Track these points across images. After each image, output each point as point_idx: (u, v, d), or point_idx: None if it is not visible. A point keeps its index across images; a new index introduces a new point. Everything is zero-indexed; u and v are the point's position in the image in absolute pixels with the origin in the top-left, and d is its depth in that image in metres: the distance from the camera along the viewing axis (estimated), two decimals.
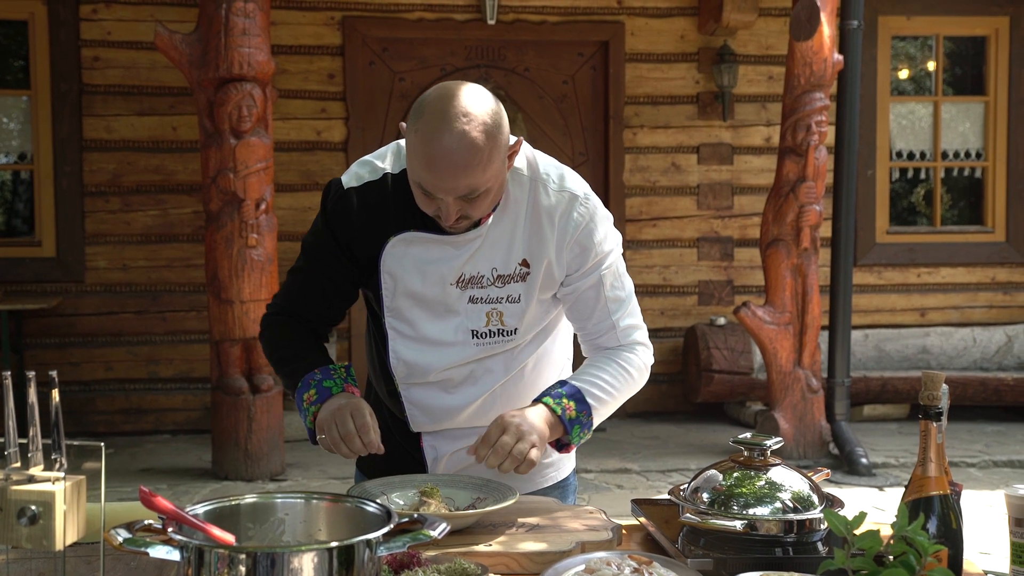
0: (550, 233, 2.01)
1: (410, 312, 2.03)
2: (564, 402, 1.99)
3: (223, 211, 5.58)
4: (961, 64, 8.24)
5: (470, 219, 1.93)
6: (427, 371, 2.05)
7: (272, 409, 5.76)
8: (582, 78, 7.46)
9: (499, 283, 2.01)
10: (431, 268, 2.00)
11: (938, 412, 1.54)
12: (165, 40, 5.54)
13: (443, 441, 2.13)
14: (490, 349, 2.04)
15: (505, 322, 2.03)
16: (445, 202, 1.87)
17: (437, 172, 1.83)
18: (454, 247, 1.99)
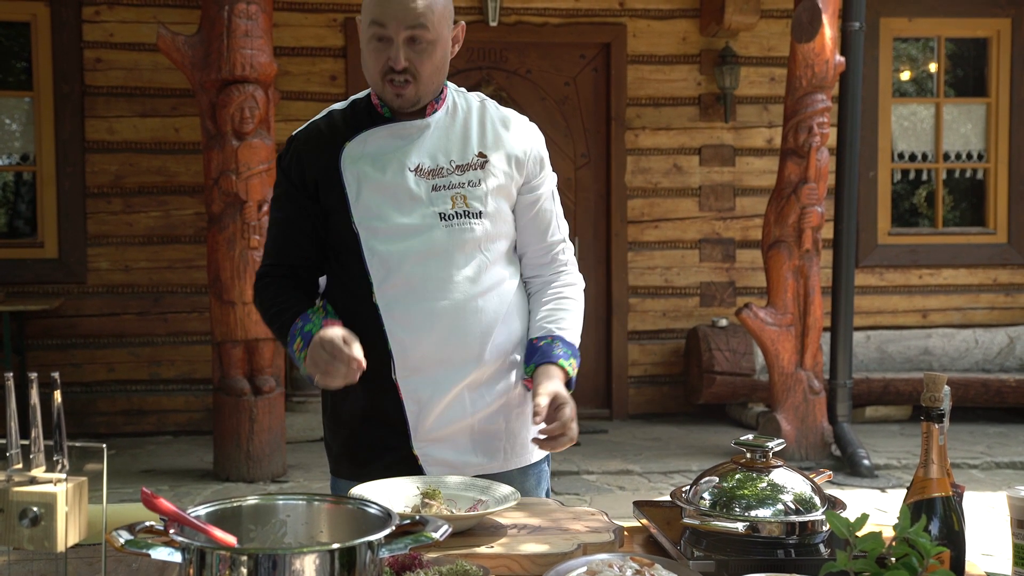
0: (508, 138, 2.18)
1: (377, 205, 2.10)
2: (572, 362, 2.16)
3: (225, 212, 5.58)
4: (963, 66, 8.23)
5: (417, 81, 2.07)
6: (402, 259, 2.09)
7: (274, 410, 5.76)
8: (584, 80, 7.47)
9: (459, 172, 2.13)
10: (389, 158, 2.12)
11: (940, 414, 1.54)
12: (167, 42, 5.54)
13: (424, 384, 2.12)
14: (459, 235, 2.11)
15: (470, 204, 2.12)
16: (395, 43, 2.04)
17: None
18: (405, 137, 2.13)
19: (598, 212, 7.49)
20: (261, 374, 5.72)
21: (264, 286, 2.21)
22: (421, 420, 2.13)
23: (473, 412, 2.14)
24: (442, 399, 2.11)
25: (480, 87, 7.22)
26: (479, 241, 2.13)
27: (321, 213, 2.16)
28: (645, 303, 7.52)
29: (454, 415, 2.13)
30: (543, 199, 2.23)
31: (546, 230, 2.24)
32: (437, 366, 2.11)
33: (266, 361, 5.70)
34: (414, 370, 2.11)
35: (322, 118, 2.21)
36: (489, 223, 2.13)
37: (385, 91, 2.10)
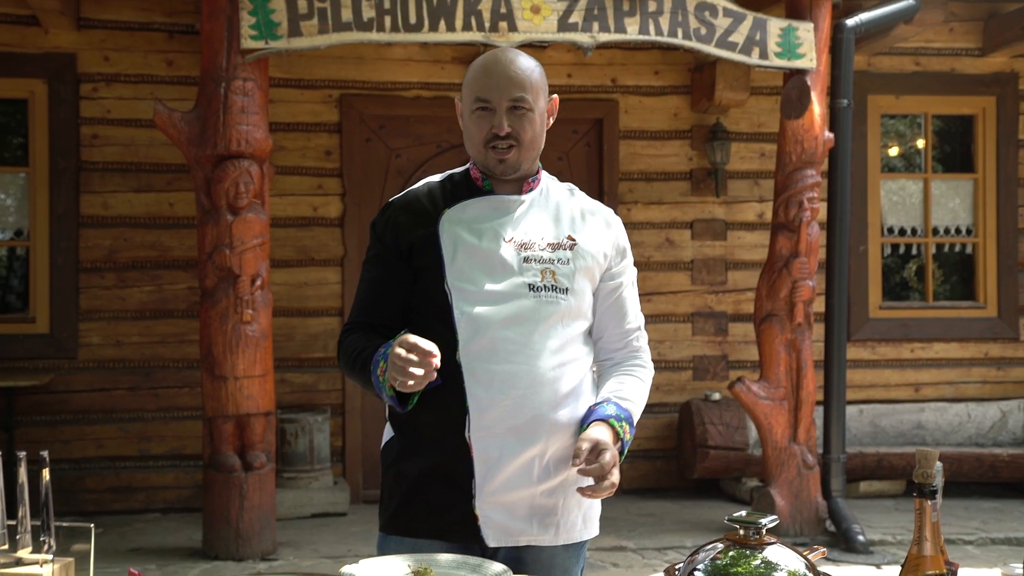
0: (594, 226, 2.33)
1: (470, 269, 2.21)
2: (623, 425, 2.23)
3: (218, 287, 5.59)
4: (950, 142, 8.33)
5: (518, 145, 2.23)
6: (489, 323, 2.17)
7: (264, 487, 5.71)
8: (577, 154, 7.54)
9: (550, 249, 2.26)
10: (485, 227, 2.24)
11: (933, 490, 1.54)
12: (164, 118, 5.59)
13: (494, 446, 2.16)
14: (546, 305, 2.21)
15: (558, 279, 2.24)
16: (499, 112, 2.21)
17: (495, 73, 2.23)
18: (503, 210, 2.27)
19: None
20: (252, 450, 5.68)
21: (348, 340, 2.30)
22: (487, 481, 2.18)
23: (538, 482, 2.20)
24: (510, 463, 2.17)
25: None
26: (563, 315, 2.24)
27: (410, 277, 2.26)
28: None
29: (519, 482, 2.19)
30: (623, 287, 2.37)
31: (623, 317, 2.38)
32: (510, 430, 2.17)
33: (257, 436, 5.67)
34: (487, 431, 2.17)
35: (420, 187, 2.35)
36: (574, 300, 2.25)
37: (488, 157, 2.26)
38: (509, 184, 2.31)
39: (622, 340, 2.38)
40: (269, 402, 5.71)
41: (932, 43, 7.71)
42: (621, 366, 2.37)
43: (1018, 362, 7.84)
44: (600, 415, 2.21)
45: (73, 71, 6.87)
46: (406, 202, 2.32)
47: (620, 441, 2.20)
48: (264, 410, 5.68)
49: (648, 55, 7.48)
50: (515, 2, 5.69)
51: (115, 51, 6.91)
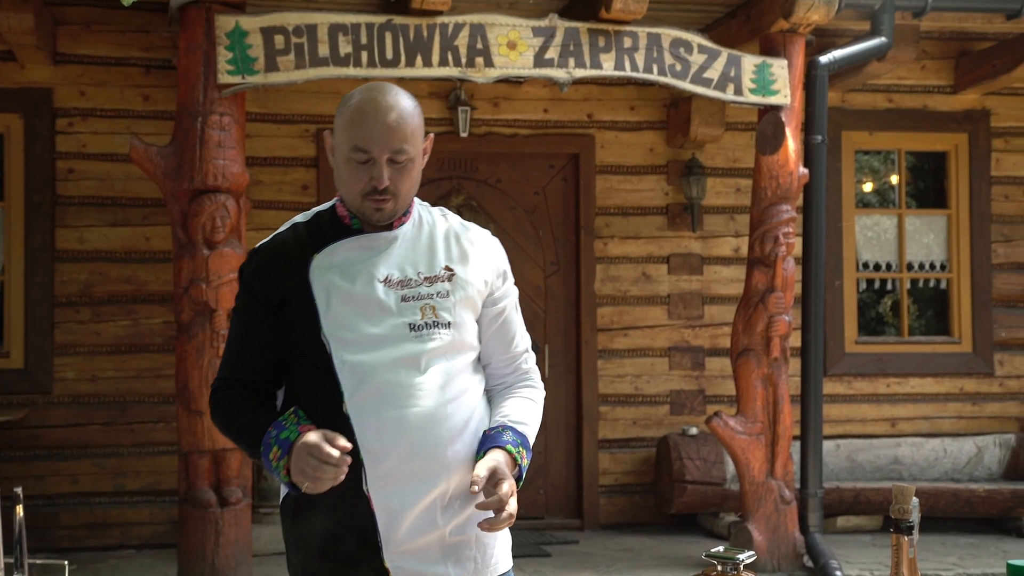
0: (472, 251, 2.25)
1: (347, 317, 2.14)
2: (521, 450, 2.18)
3: (194, 321, 5.57)
4: (923, 178, 8.42)
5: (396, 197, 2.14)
6: (372, 369, 2.11)
7: (240, 522, 5.67)
8: (553, 189, 7.57)
9: (427, 283, 2.18)
10: (358, 269, 2.16)
11: (909, 526, 1.55)
12: (140, 152, 5.58)
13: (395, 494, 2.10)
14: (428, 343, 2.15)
15: (439, 315, 2.17)
16: (378, 164, 2.11)
17: (375, 124, 2.11)
18: (374, 248, 2.19)
19: (568, 320, 7.52)
20: (228, 485, 5.64)
21: (222, 399, 2.22)
22: (392, 531, 2.11)
23: (444, 523, 2.14)
24: (413, 509, 2.11)
25: (451, 196, 7.30)
26: (447, 350, 2.16)
27: (283, 327, 2.18)
28: (615, 411, 7.51)
29: (426, 526, 2.12)
30: (507, 310, 2.30)
31: (511, 341, 2.31)
32: (408, 475, 2.11)
33: (233, 472, 5.63)
34: (385, 480, 2.10)
35: (286, 230, 2.26)
36: (457, 333, 2.18)
37: (364, 207, 2.16)
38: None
39: (511, 364, 2.32)
40: None
41: (905, 80, 7.80)
42: (512, 388, 2.31)
43: (993, 397, 7.89)
44: (496, 442, 2.16)
45: (49, 106, 6.85)
46: (273, 248, 2.22)
47: (517, 467, 2.17)
48: None
49: (624, 91, 7.53)
50: (491, 38, 5.73)
51: (91, 86, 6.91)
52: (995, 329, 7.87)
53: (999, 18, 6.66)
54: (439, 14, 5.68)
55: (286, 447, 2.05)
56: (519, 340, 2.33)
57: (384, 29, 5.63)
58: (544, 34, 5.80)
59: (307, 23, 5.56)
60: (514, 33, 5.76)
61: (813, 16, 5.96)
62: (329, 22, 5.58)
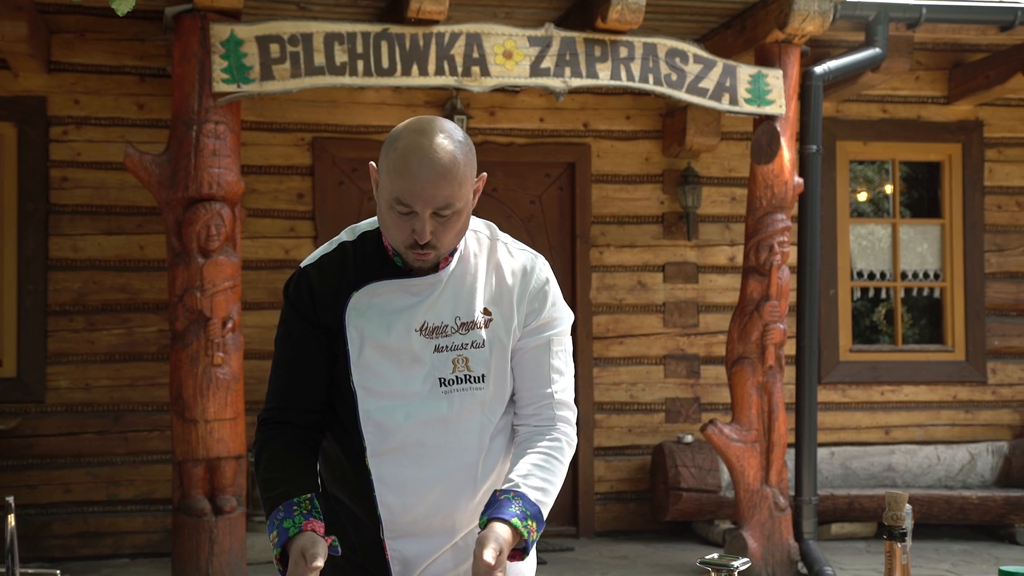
0: (511, 286, 2.09)
1: (378, 365, 2.04)
2: (529, 524, 1.98)
3: (189, 329, 5.56)
4: (917, 188, 8.45)
5: (438, 249, 1.99)
6: (398, 427, 2.02)
7: (235, 531, 5.66)
8: (549, 198, 7.58)
9: (463, 330, 2.05)
10: (395, 317, 2.04)
11: (903, 532, 1.55)
12: (135, 161, 5.58)
13: (411, 545, 2.07)
14: (460, 402, 2.04)
15: (471, 367, 2.05)
16: (421, 218, 1.94)
17: (419, 179, 1.92)
18: (416, 294, 2.05)
19: None
20: (223, 493, 5.63)
21: (266, 439, 2.11)
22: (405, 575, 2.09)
23: (456, 565, 2.12)
24: (429, 558, 2.09)
25: None
26: (481, 406, 2.07)
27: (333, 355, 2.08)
28: (611, 419, 7.51)
29: (438, 570, 2.10)
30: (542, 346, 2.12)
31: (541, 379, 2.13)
32: (426, 530, 2.07)
33: (228, 480, 5.62)
34: (403, 533, 2.07)
35: (333, 252, 2.11)
36: (493, 386, 2.08)
37: (407, 254, 2.01)
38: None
39: (537, 404, 2.13)
40: (240, 445, 5.66)
41: (899, 91, 7.83)
42: (537, 442, 2.10)
43: (986, 405, 7.90)
44: (501, 512, 1.96)
45: (43, 114, 6.85)
46: (319, 270, 2.09)
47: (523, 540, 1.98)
48: (235, 453, 5.63)
49: (620, 100, 7.55)
50: (487, 47, 5.74)
51: (85, 94, 6.91)
52: (988, 338, 7.89)
53: (992, 29, 6.69)
54: (435, 23, 5.70)
55: (283, 536, 1.96)
56: (555, 384, 2.13)
57: (380, 38, 5.64)
58: (540, 43, 5.81)
59: (303, 32, 5.57)
60: (510, 42, 5.77)
61: (808, 27, 5.99)
62: (325, 31, 5.59)
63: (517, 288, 2.10)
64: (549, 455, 2.09)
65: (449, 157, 1.95)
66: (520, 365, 2.12)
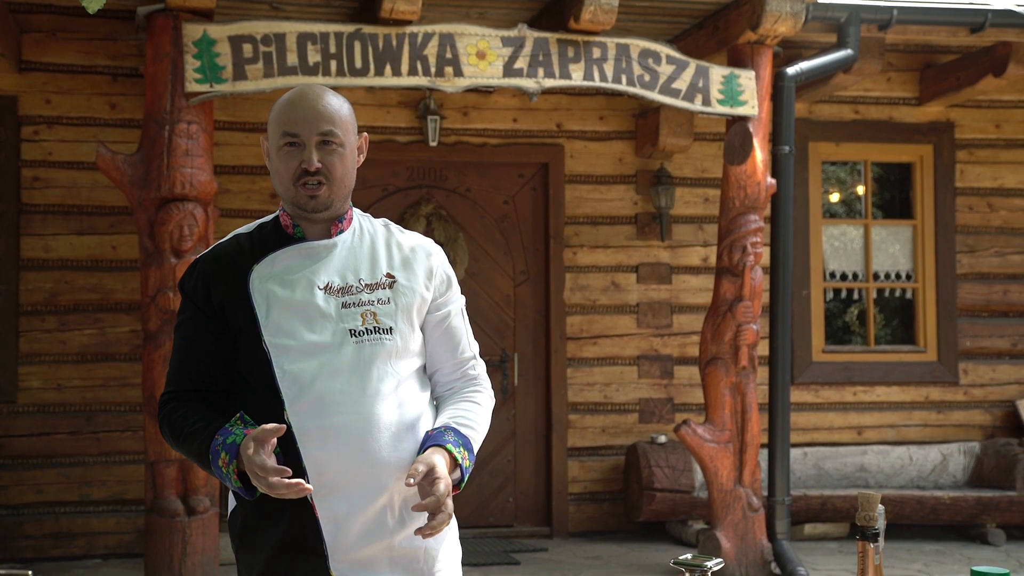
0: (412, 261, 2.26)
1: (287, 323, 2.13)
2: (462, 452, 2.15)
3: (161, 330, 5.53)
4: (889, 189, 8.50)
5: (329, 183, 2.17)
6: (313, 377, 2.10)
7: (208, 531, 5.63)
8: (522, 198, 7.58)
9: (368, 290, 2.19)
10: (297, 277, 2.17)
11: (875, 533, 1.56)
12: (107, 160, 5.55)
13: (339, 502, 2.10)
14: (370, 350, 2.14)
15: (380, 320, 2.17)
16: (308, 147, 2.15)
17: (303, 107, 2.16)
18: (313, 257, 2.20)
19: (537, 329, 7.53)
20: (195, 494, 5.61)
21: (171, 411, 2.19)
22: (338, 540, 2.11)
23: (394, 531, 2.13)
24: (359, 516, 2.10)
25: (420, 205, 7.30)
26: (389, 355, 2.16)
27: (228, 336, 2.17)
28: (584, 419, 7.52)
29: (374, 534, 2.12)
30: (452, 316, 2.30)
31: (456, 347, 2.31)
32: (352, 482, 2.10)
33: (201, 481, 5.59)
34: (329, 488, 2.10)
35: (228, 241, 2.26)
36: (399, 339, 2.18)
37: (298, 194, 2.18)
38: (319, 227, 2.23)
39: (458, 370, 2.31)
40: None
41: (870, 92, 7.88)
42: (459, 393, 2.29)
43: (958, 406, 7.96)
44: (436, 441, 2.13)
45: (14, 114, 6.80)
46: (214, 258, 2.23)
47: (459, 468, 2.14)
48: None
49: (593, 101, 7.56)
50: (460, 48, 5.74)
51: (57, 94, 6.86)
52: (959, 338, 7.95)
53: (963, 31, 6.74)
54: (408, 23, 5.69)
55: (233, 451, 2.04)
56: (465, 347, 2.32)
57: (353, 38, 5.63)
58: (513, 44, 5.82)
59: (275, 32, 5.55)
60: (483, 43, 5.77)
61: (780, 28, 6.01)
62: (298, 31, 5.58)
63: (421, 264, 2.26)
64: (471, 401, 2.27)
65: (329, 95, 2.20)
66: (434, 337, 2.28)
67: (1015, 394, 8.01)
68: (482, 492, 7.34)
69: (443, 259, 2.32)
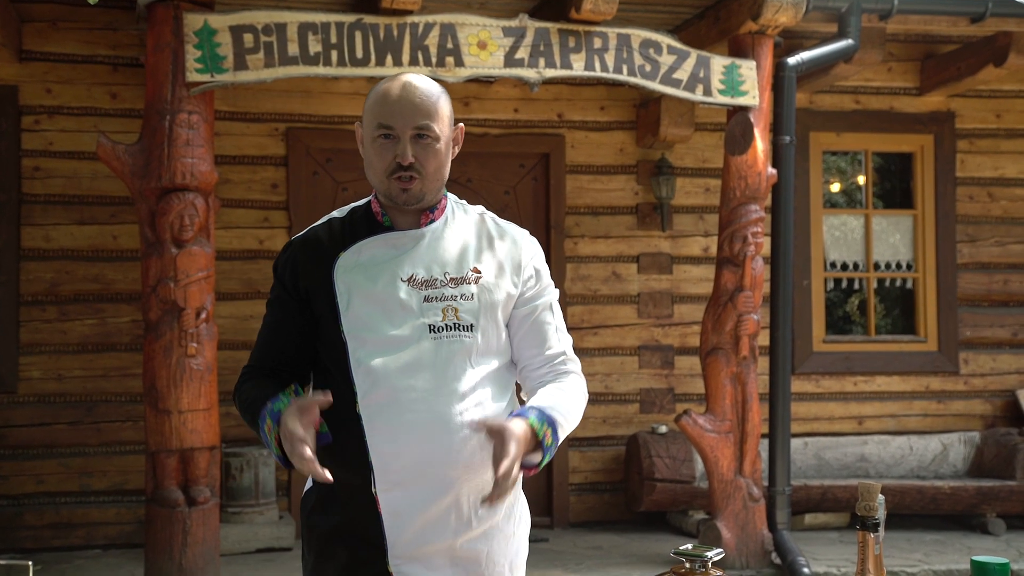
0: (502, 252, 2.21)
1: (367, 315, 2.11)
2: (545, 428, 2.08)
3: (162, 320, 5.53)
4: (890, 179, 8.49)
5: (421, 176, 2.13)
6: (388, 372, 2.07)
7: (208, 522, 5.64)
8: (523, 189, 7.58)
9: (452, 284, 2.15)
10: (381, 268, 2.14)
11: (875, 523, 1.57)
12: (108, 150, 5.55)
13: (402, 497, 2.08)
14: (448, 347, 2.10)
15: (461, 316, 2.12)
16: (403, 141, 2.12)
17: (400, 100, 2.12)
18: (399, 247, 2.16)
19: None
20: (196, 484, 5.61)
21: (244, 380, 2.22)
22: (399, 536, 2.09)
23: (456, 533, 2.11)
24: (422, 515, 2.08)
25: None
26: (468, 354, 2.12)
27: (312, 320, 2.17)
28: (585, 410, 7.50)
29: (435, 533, 2.10)
30: (539, 311, 2.24)
31: (544, 343, 2.24)
32: (418, 480, 2.07)
33: (201, 471, 5.60)
34: (394, 484, 2.08)
35: (321, 225, 2.25)
36: (481, 337, 2.13)
37: (391, 187, 2.15)
38: (409, 216, 2.20)
39: (547, 365, 2.25)
40: (214, 436, 5.65)
41: (871, 82, 7.87)
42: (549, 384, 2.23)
43: (958, 395, 7.97)
44: (520, 413, 2.08)
45: (15, 103, 6.79)
46: (305, 242, 2.23)
47: (541, 446, 2.06)
48: (209, 444, 5.61)
49: (594, 91, 7.56)
50: (462, 37, 5.73)
51: (58, 83, 6.85)
52: (960, 328, 7.95)
53: (964, 21, 6.73)
54: (409, 13, 5.68)
55: (276, 418, 2.04)
56: (554, 342, 2.26)
57: (354, 28, 5.62)
58: (514, 34, 5.81)
59: (276, 22, 5.54)
60: (484, 33, 5.76)
61: (781, 18, 6.01)
62: (299, 21, 5.57)
63: (510, 256, 2.22)
64: (561, 387, 2.22)
65: (428, 85, 2.16)
66: (521, 332, 2.23)
67: (1015, 384, 8.02)
68: None
69: (535, 251, 2.28)
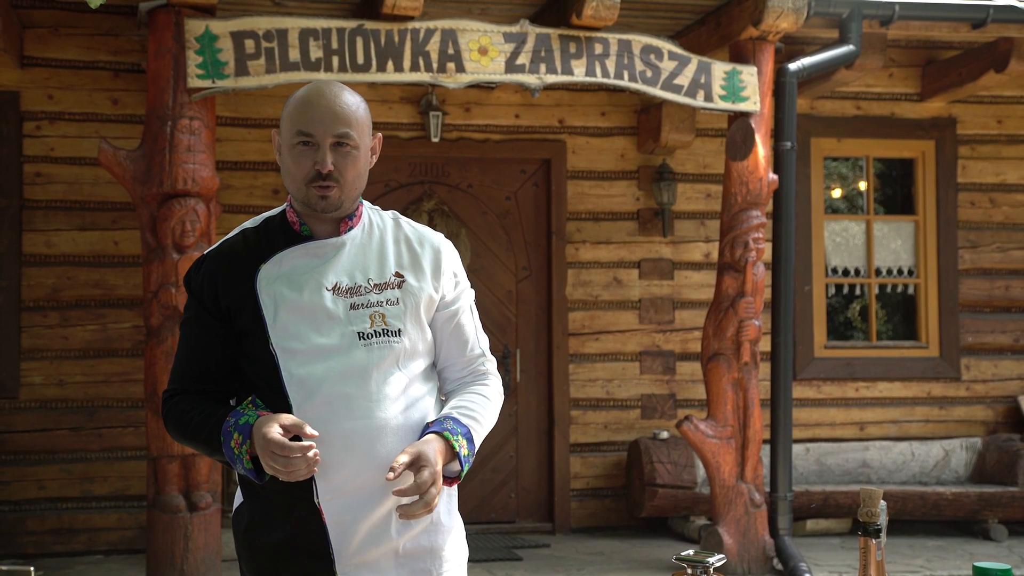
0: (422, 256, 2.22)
1: (294, 326, 2.10)
2: (460, 439, 2.11)
3: (164, 325, 5.54)
4: (891, 184, 8.49)
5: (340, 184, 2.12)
6: (321, 381, 2.07)
7: (210, 527, 5.64)
8: (525, 195, 7.58)
9: (377, 290, 2.15)
10: (305, 278, 2.13)
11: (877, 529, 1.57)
12: (109, 156, 5.55)
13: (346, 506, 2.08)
14: (379, 353, 2.10)
15: (388, 322, 2.13)
16: (322, 148, 2.10)
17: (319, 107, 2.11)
18: (321, 256, 2.15)
19: (539, 325, 7.53)
20: (197, 490, 5.61)
21: (176, 403, 2.17)
22: (345, 544, 2.09)
23: (398, 535, 2.12)
24: (366, 521, 2.09)
25: (422, 201, 7.30)
26: (398, 358, 2.13)
27: (233, 337, 2.14)
28: (587, 415, 7.52)
29: (379, 538, 2.10)
30: (460, 313, 2.26)
31: (465, 344, 2.27)
32: (360, 488, 2.08)
33: (203, 476, 5.60)
34: (337, 493, 2.08)
35: (235, 237, 2.22)
36: (408, 341, 2.15)
37: (310, 194, 2.13)
38: (328, 225, 2.19)
39: (467, 367, 2.27)
40: None
41: (872, 87, 7.87)
42: (467, 387, 2.25)
43: (960, 401, 7.96)
44: (435, 428, 2.10)
45: (16, 109, 6.80)
46: (220, 256, 2.19)
47: (456, 457, 2.09)
48: None
49: (595, 96, 7.56)
50: (463, 43, 5.73)
51: (59, 89, 6.86)
52: (961, 334, 7.95)
53: (965, 27, 6.73)
54: (410, 19, 5.69)
55: (246, 432, 2.02)
56: (475, 344, 2.28)
57: (355, 34, 5.63)
58: (515, 40, 5.81)
59: (278, 28, 5.55)
60: (485, 39, 5.77)
61: (782, 24, 6.01)
62: (300, 27, 5.58)
63: (430, 260, 2.22)
64: (477, 393, 2.24)
65: (346, 95, 2.16)
66: (444, 334, 2.25)
67: (1017, 390, 8.01)
68: (484, 488, 7.35)
69: (452, 254, 2.28)
